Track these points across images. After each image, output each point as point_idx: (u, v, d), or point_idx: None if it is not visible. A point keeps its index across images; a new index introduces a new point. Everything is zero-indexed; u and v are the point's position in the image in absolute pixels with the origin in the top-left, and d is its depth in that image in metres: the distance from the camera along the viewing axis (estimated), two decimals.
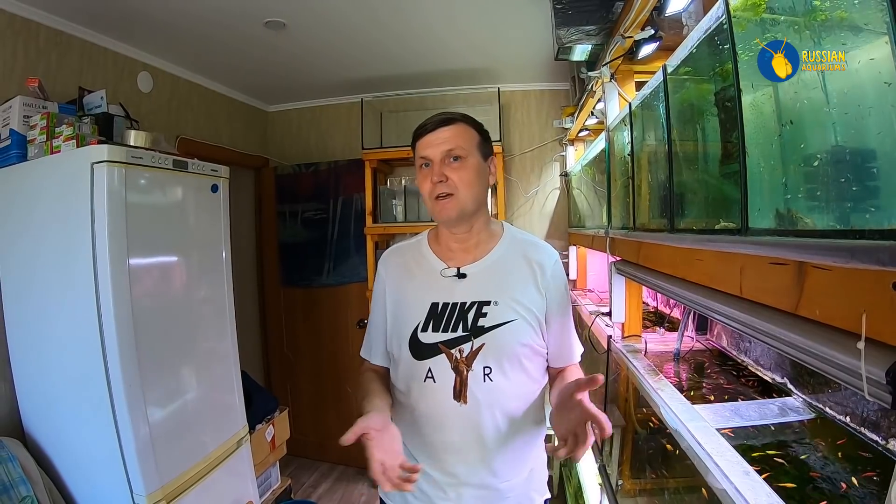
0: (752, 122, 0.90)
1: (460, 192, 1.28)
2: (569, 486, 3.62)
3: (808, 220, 0.81)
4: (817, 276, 0.74)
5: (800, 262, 0.78)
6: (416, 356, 1.33)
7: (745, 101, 0.91)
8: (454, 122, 1.31)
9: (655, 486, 1.79)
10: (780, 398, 1.73)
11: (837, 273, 0.70)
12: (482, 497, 1.34)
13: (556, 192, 3.97)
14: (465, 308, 1.32)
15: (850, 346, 0.67)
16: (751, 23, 0.92)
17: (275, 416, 3.02)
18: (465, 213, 1.31)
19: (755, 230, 0.88)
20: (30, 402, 2.12)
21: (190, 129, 3.47)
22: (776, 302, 0.86)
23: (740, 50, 0.93)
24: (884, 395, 0.64)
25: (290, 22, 2.69)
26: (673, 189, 1.31)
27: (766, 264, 0.87)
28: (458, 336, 1.30)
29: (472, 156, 1.30)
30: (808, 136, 0.82)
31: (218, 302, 2.43)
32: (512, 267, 1.37)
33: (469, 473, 1.32)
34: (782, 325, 0.84)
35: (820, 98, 0.77)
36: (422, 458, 1.35)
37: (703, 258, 1.16)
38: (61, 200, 1.94)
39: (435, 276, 1.37)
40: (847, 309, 0.69)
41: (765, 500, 1.05)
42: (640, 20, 1.69)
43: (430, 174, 1.29)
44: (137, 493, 1.89)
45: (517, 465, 1.38)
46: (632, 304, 2.14)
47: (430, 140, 1.30)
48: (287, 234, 4.28)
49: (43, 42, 2.42)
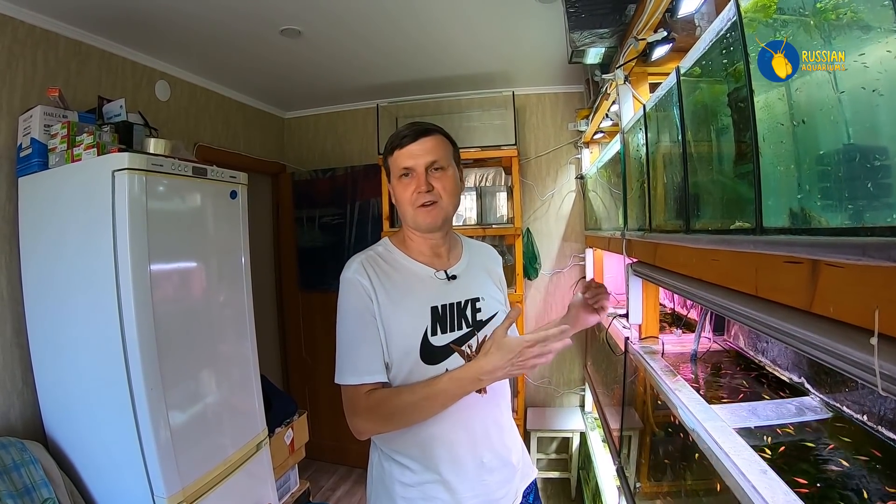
0: (764, 121, 0.91)
1: (443, 201, 1.36)
2: (587, 489, 3.61)
3: (821, 218, 0.82)
4: (830, 273, 0.75)
5: (813, 261, 0.78)
6: (428, 361, 1.32)
7: (757, 101, 0.92)
8: (433, 132, 1.38)
9: (674, 489, 1.79)
10: (798, 398, 1.73)
11: (850, 270, 0.71)
12: (505, 478, 1.41)
13: (572, 195, 3.97)
14: (462, 306, 1.40)
15: (863, 342, 0.67)
16: (762, 24, 0.93)
17: (294, 419, 3.04)
18: (447, 220, 1.40)
19: (769, 229, 0.89)
20: (51, 405, 2.16)
21: (208, 137, 3.53)
22: (791, 300, 0.86)
23: (752, 51, 0.94)
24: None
25: (305, 29, 2.73)
26: (688, 190, 1.31)
27: (780, 263, 0.88)
28: (463, 333, 1.37)
29: (451, 167, 1.39)
30: (819, 134, 0.83)
31: (237, 306, 2.46)
32: (480, 267, 1.52)
33: (494, 458, 1.38)
34: (797, 323, 0.84)
35: (831, 97, 0.78)
36: (450, 462, 1.33)
37: (718, 258, 1.16)
38: (83, 207, 1.98)
39: (426, 280, 1.40)
40: (860, 305, 0.69)
41: (782, 498, 1.05)
42: (653, 22, 1.69)
43: (414, 184, 1.35)
44: (158, 496, 1.92)
45: (516, 434, 1.52)
46: (649, 305, 2.14)
47: (412, 151, 1.35)
48: (305, 238, 4.33)
49: (62, 52, 2.48)
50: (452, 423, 1.33)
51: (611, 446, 2.54)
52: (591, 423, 3.71)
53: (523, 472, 1.50)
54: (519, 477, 1.47)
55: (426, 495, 1.35)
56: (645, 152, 1.76)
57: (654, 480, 2.00)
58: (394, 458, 1.38)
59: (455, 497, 1.34)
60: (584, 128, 3.51)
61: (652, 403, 2.11)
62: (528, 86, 3.93)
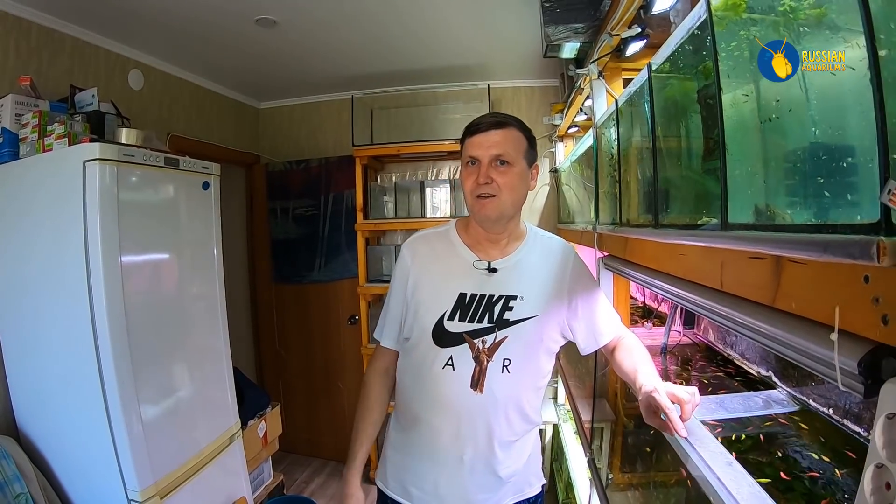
0: (732, 118, 0.92)
1: (503, 196, 1.32)
2: (559, 481, 3.65)
3: (785, 215, 0.83)
4: (793, 269, 0.76)
5: (777, 257, 0.80)
6: (438, 343, 1.36)
7: (725, 99, 0.93)
8: (507, 125, 1.34)
9: (645, 480, 1.82)
10: (766, 391, 1.77)
11: (812, 267, 0.72)
12: (486, 484, 1.40)
13: (546, 189, 3.99)
14: (492, 301, 1.37)
15: (824, 338, 0.68)
16: (731, 22, 0.94)
17: (266, 412, 3.03)
18: (503, 216, 1.36)
19: (735, 225, 0.90)
20: (23, 400, 2.12)
21: (181, 127, 3.47)
22: (755, 295, 0.88)
23: (722, 49, 0.95)
24: (856, 386, 0.66)
25: (280, 19, 2.69)
26: (657, 185, 1.33)
27: (745, 259, 0.89)
28: (482, 327, 1.35)
29: (519, 163, 1.34)
30: (786, 133, 0.84)
31: (209, 299, 2.44)
32: (537, 264, 1.44)
33: (475, 460, 1.37)
34: (760, 318, 0.86)
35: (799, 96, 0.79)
36: (428, 444, 1.39)
37: (685, 253, 1.18)
38: (54, 198, 1.94)
39: (466, 266, 1.41)
40: (821, 302, 0.71)
41: (747, 490, 1.08)
42: (627, 18, 1.71)
43: (476, 173, 1.32)
44: (131, 489, 1.90)
45: (518, 453, 1.45)
46: (619, 298, 2.17)
47: (480, 140, 1.32)
48: (278, 230, 4.28)
49: (35, 40, 2.42)
50: (439, 410, 1.37)
51: (582, 438, 2.56)
52: (563, 415, 3.74)
53: (517, 489, 1.48)
54: (508, 490, 1.46)
55: (408, 468, 1.44)
56: (616, 147, 1.77)
57: (625, 472, 2.03)
58: (395, 423, 1.53)
59: (430, 478, 1.40)
60: (558, 122, 3.52)
61: (623, 396, 2.14)
62: (504, 79, 3.92)
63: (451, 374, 1.35)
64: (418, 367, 1.40)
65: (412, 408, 1.42)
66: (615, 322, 1.50)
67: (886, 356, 0.62)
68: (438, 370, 1.35)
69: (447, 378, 1.35)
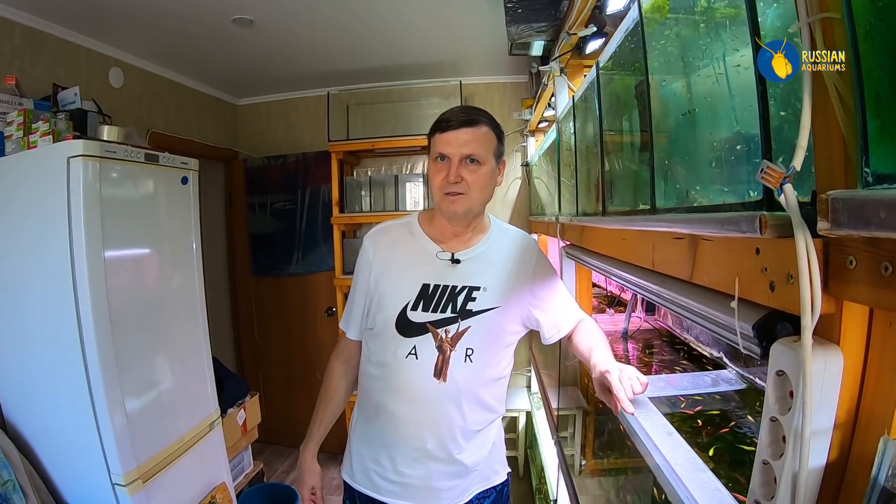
0: (657, 112, 1.01)
1: (472, 193, 1.32)
2: (533, 467, 3.75)
3: (700, 198, 0.92)
4: (704, 246, 0.85)
5: (692, 236, 0.88)
6: (401, 333, 1.37)
7: (653, 94, 1.01)
8: (478, 123, 1.32)
9: (615, 466, 1.89)
10: (716, 371, 1.86)
11: (718, 243, 0.80)
12: (450, 472, 1.41)
13: (518, 182, 4.08)
14: (455, 291, 1.37)
15: (727, 306, 0.76)
16: (658, 23, 1.02)
17: (246, 400, 3.06)
18: (471, 213, 1.36)
19: (661, 209, 0.98)
20: (10, 390, 2.15)
21: (160, 123, 3.50)
22: (677, 272, 0.96)
23: (652, 48, 1.04)
24: (754, 347, 0.74)
25: (257, 18, 2.74)
26: (604, 176, 1.41)
27: (670, 239, 0.97)
28: (445, 317, 1.36)
29: (489, 161, 1.34)
30: (699, 124, 0.92)
31: (189, 292, 2.47)
32: (500, 256, 1.45)
33: (439, 448, 1.38)
34: (681, 292, 0.94)
35: (715, 90, 0.87)
36: (392, 433, 1.40)
37: (626, 238, 1.26)
38: (38, 194, 1.97)
39: (429, 257, 1.41)
40: (725, 274, 0.79)
41: (682, 456, 1.16)
42: (583, 18, 1.78)
43: (446, 171, 1.31)
44: (115, 474, 1.95)
45: (482, 442, 1.47)
46: (581, 286, 2.25)
47: (451, 138, 1.31)
48: (257, 225, 4.32)
49: (18, 39, 2.45)
50: (403, 399, 1.38)
51: (550, 424, 2.65)
52: (536, 403, 3.83)
53: (483, 476, 1.50)
54: (475, 478, 1.47)
55: (373, 458, 1.45)
56: (573, 140, 1.85)
57: (597, 457, 2.10)
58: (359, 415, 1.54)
59: (395, 468, 1.41)
60: (528, 117, 3.60)
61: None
62: (476, 75, 3.99)
63: (415, 362, 1.35)
64: (382, 356, 1.41)
65: (376, 397, 1.43)
66: (575, 311, 1.53)
67: (781, 320, 0.70)
68: (402, 359, 1.36)
69: (411, 367, 1.36)
